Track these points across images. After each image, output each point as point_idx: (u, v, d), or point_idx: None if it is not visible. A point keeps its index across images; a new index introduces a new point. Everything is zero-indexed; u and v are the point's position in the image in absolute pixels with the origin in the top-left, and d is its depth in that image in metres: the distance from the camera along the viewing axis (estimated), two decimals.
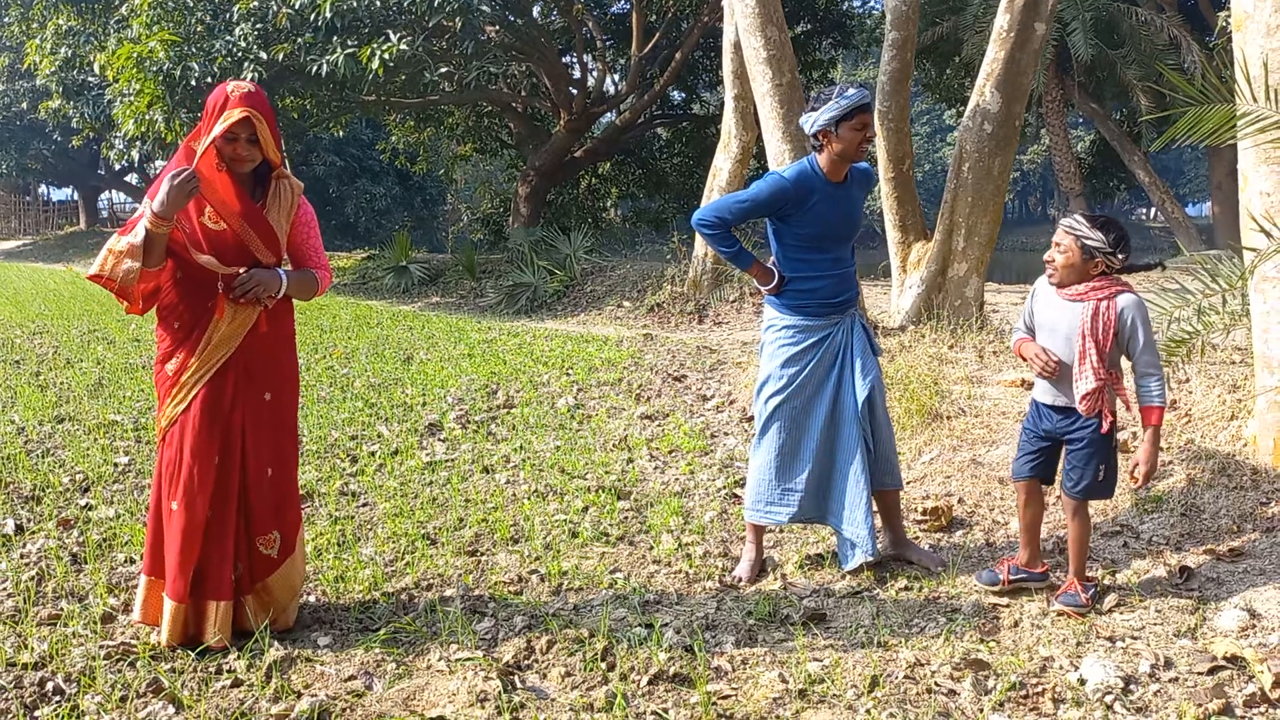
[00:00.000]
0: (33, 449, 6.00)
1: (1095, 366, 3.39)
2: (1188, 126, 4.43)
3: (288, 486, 3.55)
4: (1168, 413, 5.02)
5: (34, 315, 12.97)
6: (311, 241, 3.59)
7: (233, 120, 3.21)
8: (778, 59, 8.32)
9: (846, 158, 3.89)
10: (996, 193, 7.96)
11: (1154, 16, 18.59)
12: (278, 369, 3.51)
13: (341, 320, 12.56)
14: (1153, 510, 4.31)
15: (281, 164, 3.49)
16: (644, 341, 10.22)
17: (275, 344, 3.50)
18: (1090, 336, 3.38)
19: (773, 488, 4.05)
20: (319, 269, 3.60)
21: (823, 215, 3.94)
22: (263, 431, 3.44)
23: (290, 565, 3.53)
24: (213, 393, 3.36)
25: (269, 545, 3.47)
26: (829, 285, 4.01)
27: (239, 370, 3.39)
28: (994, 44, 7.77)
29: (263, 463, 3.44)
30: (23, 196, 42.56)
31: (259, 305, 3.38)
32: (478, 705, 3.01)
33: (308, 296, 3.56)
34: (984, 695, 2.99)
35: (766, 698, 3.02)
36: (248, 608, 3.45)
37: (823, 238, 3.98)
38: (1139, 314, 3.37)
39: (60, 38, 17.00)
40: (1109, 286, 3.41)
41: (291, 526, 3.54)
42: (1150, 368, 3.40)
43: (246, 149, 3.30)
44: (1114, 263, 3.39)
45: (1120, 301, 3.38)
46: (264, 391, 3.45)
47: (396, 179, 32.97)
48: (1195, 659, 3.13)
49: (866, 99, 3.85)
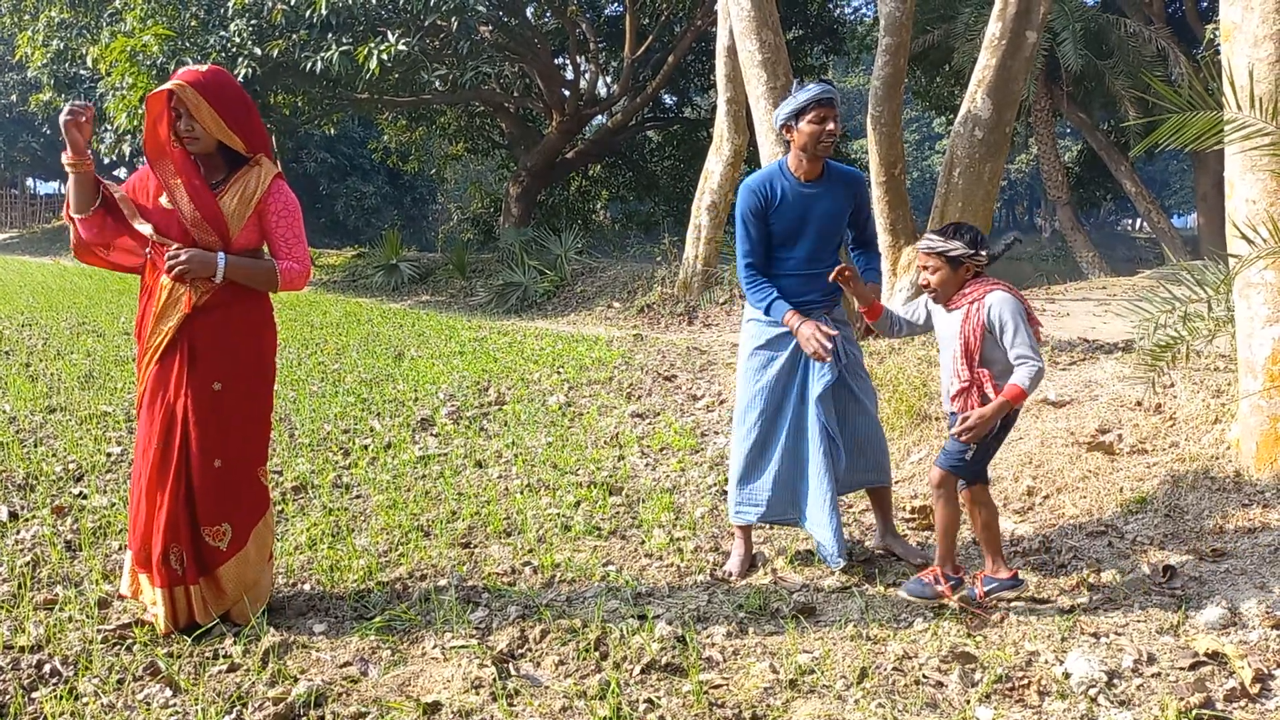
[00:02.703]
0: (25, 438, 6.01)
1: (958, 368, 3.47)
2: (1171, 132, 4.50)
3: (243, 481, 3.48)
4: (1151, 415, 5.10)
5: (22, 307, 12.94)
6: (282, 230, 3.49)
7: (161, 90, 3.32)
8: (772, 62, 8.38)
9: (808, 152, 3.89)
10: (986, 198, 8.04)
11: (1142, 28, 18.74)
12: (231, 359, 3.44)
13: (332, 317, 12.56)
14: (1137, 511, 4.37)
15: (259, 150, 3.48)
16: (634, 342, 10.26)
17: (227, 332, 3.44)
18: (959, 337, 3.46)
19: (741, 486, 4.12)
20: (286, 260, 3.48)
21: (786, 215, 3.98)
22: (209, 421, 3.39)
23: (241, 559, 3.47)
24: (159, 375, 3.40)
25: (217, 537, 3.43)
26: (791, 284, 4.02)
27: (185, 355, 3.38)
28: (986, 51, 7.84)
29: (209, 454, 3.38)
30: (10, 189, 42.37)
31: (187, 284, 3.36)
32: (472, 691, 3.05)
33: (264, 288, 3.48)
34: (971, 687, 3.04)
35: (757, 687, 3.06)
36: (194, 598, 3.42)
37: (786, 236, 4.01)
38: (1005, 308, 3.41)
39: (53, 30, 16.95)
40: (980, 287, 3.48)
41: (246, 521, 3.48)
42: (1022, 357, 3.39)
43: (188, 124, 3.35)
44: (980, 261, 3.47)
45: (988, 300, 3.44)
46: (212, 380, 3.40)
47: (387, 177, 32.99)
48: (1177, 655, 3.19)
49: (826, 94, 3.84)
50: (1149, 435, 4.95)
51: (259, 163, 3.49)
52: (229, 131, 3.36)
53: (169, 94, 3.32)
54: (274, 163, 3.57)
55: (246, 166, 3.47)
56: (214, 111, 3.31)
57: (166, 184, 3.38)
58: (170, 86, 3.30)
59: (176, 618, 3.41)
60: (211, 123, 3.33)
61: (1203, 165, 20.46)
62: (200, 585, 3.43)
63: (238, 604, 3.49)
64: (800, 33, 20.60)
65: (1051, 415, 5.43)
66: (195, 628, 3.41)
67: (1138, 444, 4.90)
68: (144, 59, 13.50)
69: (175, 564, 3.38)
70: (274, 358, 3.63)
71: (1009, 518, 4.59)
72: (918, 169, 51.96)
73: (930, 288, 3.56)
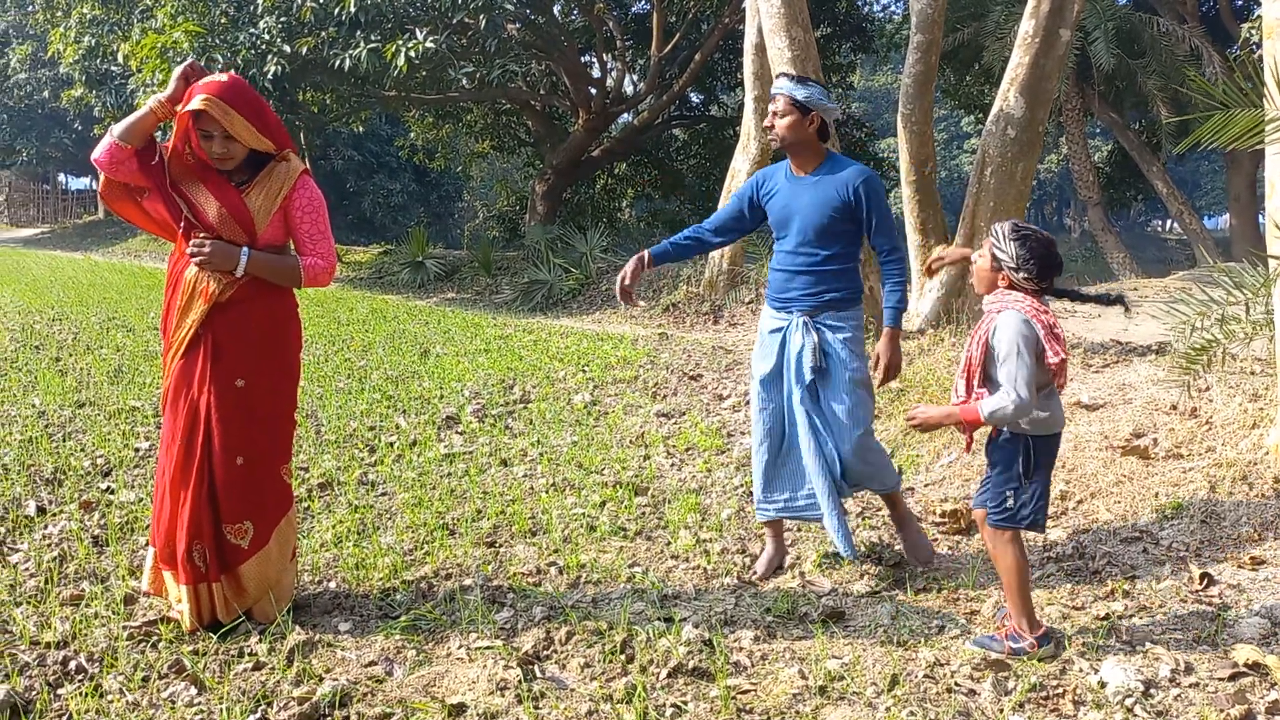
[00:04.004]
0: (54, 433, 6.04)
1: (957, 384, 3.30)
2: (1212, 131, 4.42)
3: (266, 478, 3.47)
4: (1186, 419, 5.01)
5: (53, 302, 13.05)
6: (306, 227, 3.47)
7: (191, 109, 3.22)
8: (802, 60, 8.31)
9: (773, 144, 3.99)
10: (1019, 197, 7.95)
11: (1175, 27, 18.52)
12: (254, 355, 3.43)
13: (358, 313, 12.60)
14: (1173, 517, 4.30)
15: (285, 146, 3.45)
16: (659, 340, 10.23)
17: (253, 329, 3.43)
18: (966, 352, 3.28)
19: (758, 483, 4.12)
20: (311, 257, 3.47)
21: (775, 204, 4.03)
22: (232, 418, 3.37)
23: (262, 558, 3.45)
24: (184, 370, 3.38)
25: (239, 535, 3.41)
26: (777, 278, 4.06)
27: (209, 350, 3.36)
28: (1019, 49, 7.76)
29: (231, 451, 3.37)
30: (42, 185, 42.83)
31: (208, 277, 3.35)
32: (498, 693, 3.02)
33: (288, 284, 3.47)
34: (1004, 696, 2.99)
35: (786, 693, 3.02)
36: (216, 595, 3.40)
37: (775, 225, 4.06)
38: (1007, 331, 3.10)
39: (84, 27, 17.08)
40: (1000, 301, 3.20)
41: (269, 519, 3.47)
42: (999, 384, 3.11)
43: (223, 146, 3.29)
44: (1015, 278, 3.16)
45: (999, 318, 3.16)
46: (235, 377, 3.38)
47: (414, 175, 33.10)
48: (1216, 665, 3.13)
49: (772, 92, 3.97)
50: (1184, 439, 4.86)
51: (286, 158, 3.47)
52: (261, 137, 3.33)
53: (193, 115, 3.25)
54: (300, 158, 3.55)
55: (273, 163, 3.45)
56: (245, 120, 3.26)
57: (189, 197, 3.35)
58: (199, 106, 3.20)
59: (200, 615, 3.40)
60: (245, 132, 3.28)
61: (1236, 166, 20.21)
62: (222, 583, 3.42)
63: (259, 602, 3.48)
64: (829, 30, 20.48)
65: (1085, 418, 5.35)
66: (219, 625, 3.41)
67: (1173, 448, 4.81)
68: (174, 56, 13.56)
69: (199, 561, 3.37)
70: (298, 354, 3.62)
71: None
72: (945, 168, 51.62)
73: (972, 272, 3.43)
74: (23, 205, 42.44)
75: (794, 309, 3.98)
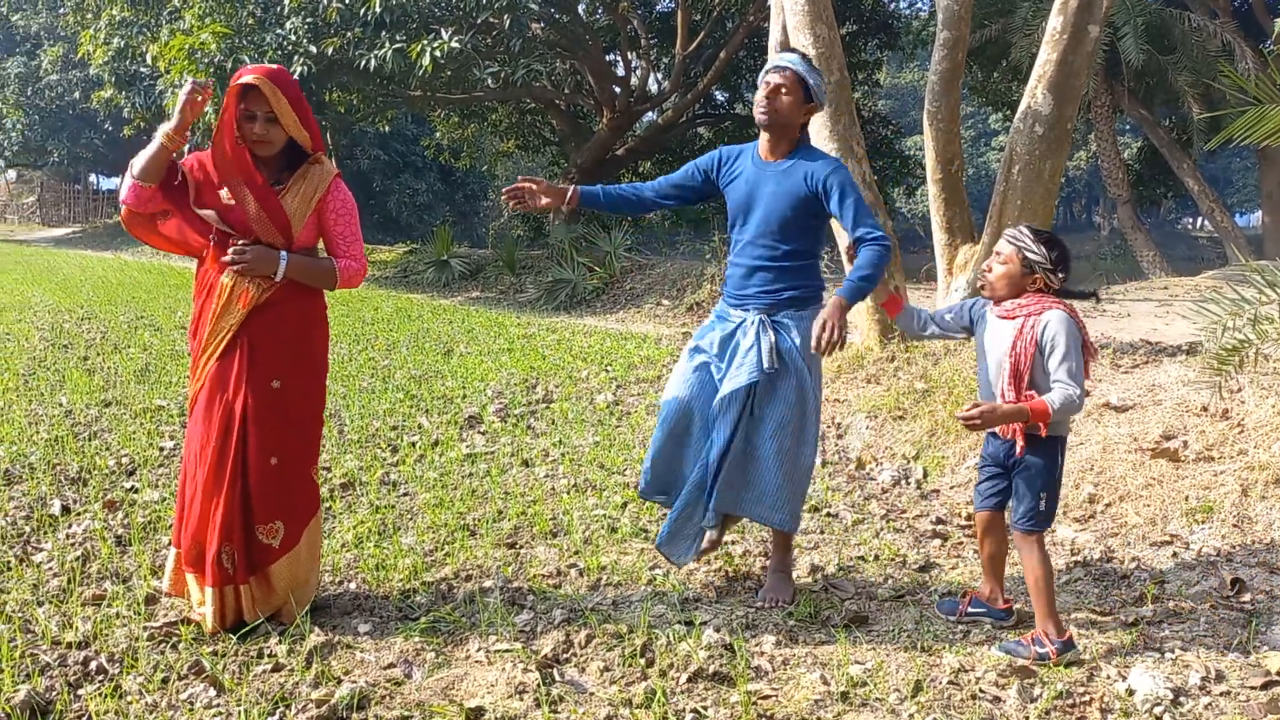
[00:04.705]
0: (80, 432, 6.08)
1: (1004, 388, 3.24)
2: (1245, 127, 4.34)
3: (297, 478, 3.49)
4: (1218, 421, 4.92)
5: (82, 301, 13.17)
6: (340, 229, 3.51)
7: (243, 83, 3.24)
8: (826, 57, 8.25)
9: (758, 117, 3.69)
10: (1047, 196, 7.84)
11: (1207, 22, 18.27)
12: (290, 357, 3.45)
13: (383, 312, 12.64)
14: (1203, 521, 4.22)
15: (320, 148, 3.48)
16: (683, 340, 10.19)
17: (287, 330, 3.45)
18: (1010, 354, 3.23)
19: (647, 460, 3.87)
20: (346, 259, 3.51)
21: (735, 192, 3.78)
22: (267, 419, 3.39)
23: (293, 557, 3.47)
24: (219, 373, 3.38)
25: (270, 535, 3.42)
26: (733, 272, 3.81)
27: (245, 353, 3.37)
28: (1046, 45, 7.66)
29: (265, 451, 3.38)
30: (73, 185, 43.29)
31: (249, 281, 3.36)
32: (516, 697, 3.00)
33: (324, 286, 3.50)
34: (1030, 703, 2.94)
35: (808, 699, 2.98)
36: (244, 596, 3.41)
37: (735, 213, 3.80)
38: (1063, 328, 3.18)
39: (114, 28, 17.22)
40: (1040, 302, 3.25)
41: (299, 519, 3.49)
42: (1060, 380, 3.16)
43: (264, 127, 3.31)
44: (1052, 281, 3.25)
45: (1045, 316, 3.21)
46: (271, 378, 3.40)
47: (439, 174, 33.21)
48: (1247, 673, 3.06)
49: (781, 60, 3.67)
50: (1215, 442, 4.78)
51: (319, 161, 3.49)
52: (300, 128, 3.36)
53: (241, 92, 3.27)
54: (331, 161, 3.57)
55: (306, 165, 3.47)
56: (289, 105, 3.30)
57: (232, 188, 3.35)
58: (252, 80, 3.25)
59: (224, 616, 3.40)
60: (289, 117, 3.32)
61: (1269, 162, 19.91)
62: (250, 584, 3.42)
63: (287, 603, 3.48)
64: (854, 28, 20.34)
65: (1114, 420, 5.27)
66: (241, 626, 3.41)
67: (1204, 451, 4.73)
68: (202, 57, 13.66)
69: (226, 563, 3.38)
70: (326, 355, 3.64)
71: (1069, 526, 4.46)
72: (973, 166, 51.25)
73: (987, 276, 3.35)
74: (54, 205, 42.92)
75: (750, 306, 3.74)
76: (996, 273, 3.32)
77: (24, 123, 32.04)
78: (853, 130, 7.89)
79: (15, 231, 38.59)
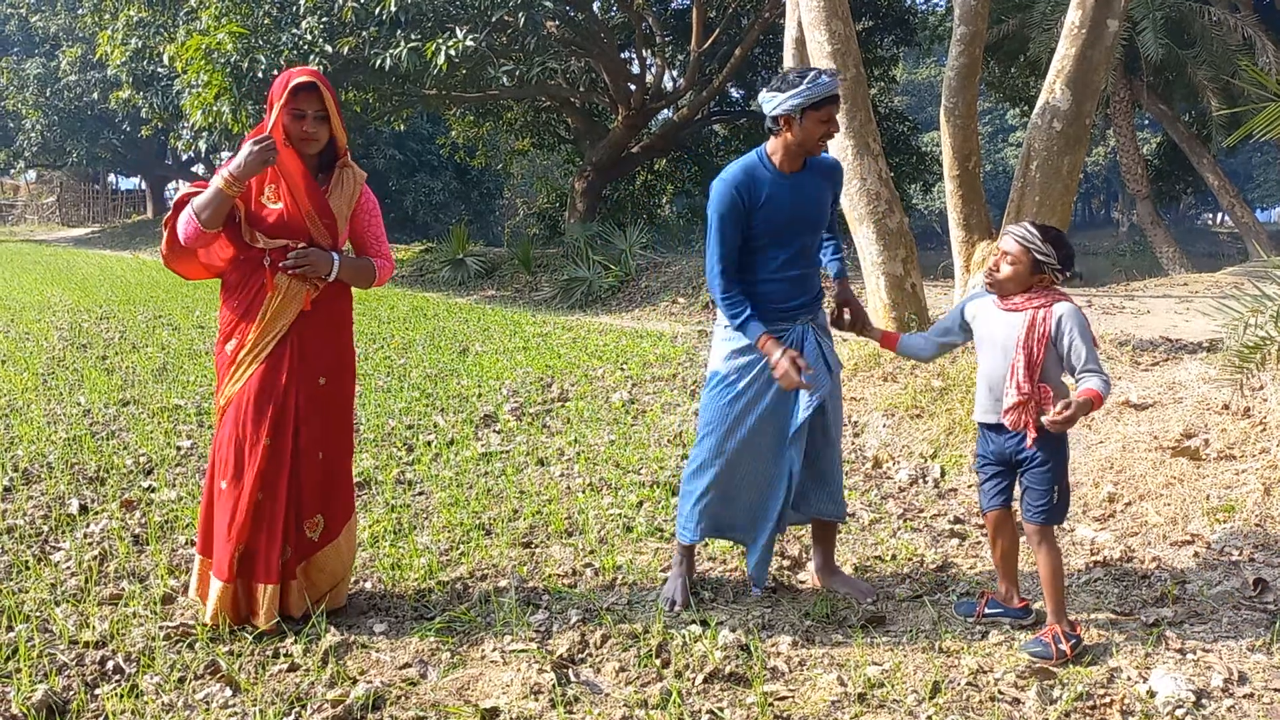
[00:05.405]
0: (98, 431, 6.11)
1: (1019, 380, 3.24)
2: (1266, 122, 4.30)
3: (338, 472, 3.55)
4: (1239, 419, 4.87)
5: (101, 301, 13.24)
6: (373, 230, 3.63)
7: (299, 82, 3.29)
8: (842, 54, 8.21)
9: (805, 149, 3.50)
10: (1065, 192, 7.79)
11: (1227, 16, 18.10)
12: (334, 354, 3.53)
13: (399, 311, 12.66)
14: (1225, 520, 4.18)
15: (346, 157, 3.54)
16: (698, 338, 10.16)
17: (331, 328, 3.53)
18: (1022, 347, 3.24)
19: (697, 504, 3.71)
20: (379, 258, 3.62)
21: (771, 212, 3.52)
22: (316, 415, 3.46)
23: (332, 550, 3.52)
24: (268, 373, 3.39)
25: (312, 529, 3.48)
26: (778, 289, 3.59)
27: (294, 352, 3.41)
28: (1065, 40, 7.60)
29: (314, 446, 3.45)
30: (92, 185, 43.55)
31: (306, 283, 3.40)
32: (531, 697, 3.00)
33: (364, 284, 3.59)
34: (1049, 705, 2.91)
35: (824, 700, 2.96)
36: (291, 593, 3.45)
37: (772, 235, 3.55)
38: (1075, 321, 3.24)
39: (131, 29, 17.30)
40: (1046, 295, 3.30)
41: (338, 513, 3.54)
42: (1090, 368, 3.21)
43: (314, 126, 3.36)
44: (1059, 279, 3.32)
45: (1057, 309, 3.25)
46: (319, 375, 3.47)
47: (454, 173, 33.24)
48: (1271, 674, 3.03)
49: (837, 89, 3.42)
50: (1237, 440, 4.73)
51: (348, 164, 3.55)
52: (340, 129, 3.43)
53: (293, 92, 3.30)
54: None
55: (337, 168, 3.52)
56: (335, 107, 3.38)
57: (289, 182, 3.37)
58: (307, 79, 3.31)
59: (270, 613, 3.40)
60: (336, 117, 3.39)
61: None
62: (298, 578, 3.47)
63: (327, 595, 3.53)
64: (870, 23, 20.25)
65: (1133, 418, 5.23)
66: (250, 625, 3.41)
67: (1225, 449, 4.68)
68: (218, 57, 13.70)
69: (285, 560, 3.42)
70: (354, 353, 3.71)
71: (1088, 525, 4.42)
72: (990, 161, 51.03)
73: (996, 275, 3.34)
74: (74, 205, 43.19)
75: (800, 316, 3.63)
76: (1005, 272, 3.33)
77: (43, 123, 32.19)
78: (869, 126, 7.85)
79: (35, 231, 38.86)
